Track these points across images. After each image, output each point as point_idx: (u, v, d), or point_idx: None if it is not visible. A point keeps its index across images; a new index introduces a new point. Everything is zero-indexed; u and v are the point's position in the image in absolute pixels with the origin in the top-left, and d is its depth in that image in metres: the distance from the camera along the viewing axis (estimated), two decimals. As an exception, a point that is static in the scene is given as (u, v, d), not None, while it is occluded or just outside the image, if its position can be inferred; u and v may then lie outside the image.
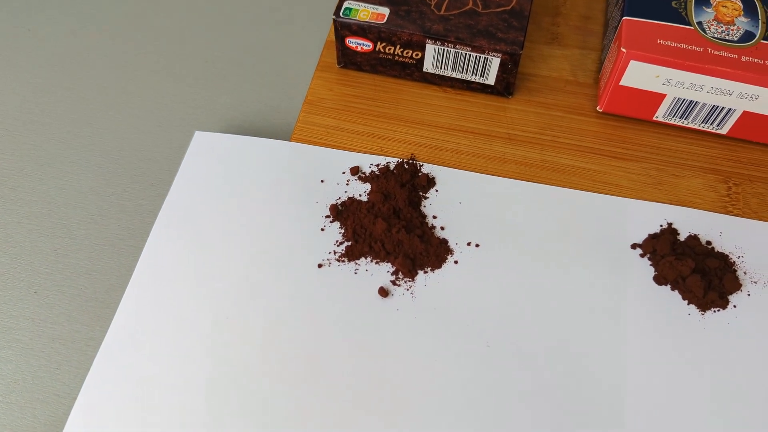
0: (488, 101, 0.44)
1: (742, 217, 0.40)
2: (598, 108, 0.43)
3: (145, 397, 0.33)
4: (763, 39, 0.39)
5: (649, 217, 0.39)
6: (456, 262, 0.38)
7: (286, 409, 0.33)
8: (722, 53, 0.39)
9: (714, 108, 0.40)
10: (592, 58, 0.46)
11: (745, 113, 0.40)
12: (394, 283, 0.37)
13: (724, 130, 0.42)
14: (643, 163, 0.42)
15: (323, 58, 0.46)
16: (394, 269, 0.37)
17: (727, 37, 0.39)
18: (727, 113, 0.40)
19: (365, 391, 0.34)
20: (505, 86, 0.43)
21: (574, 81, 0.45)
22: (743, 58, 0.38)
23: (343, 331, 0.35)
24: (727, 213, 0.40)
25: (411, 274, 0.37)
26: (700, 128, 0.42)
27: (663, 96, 0.41)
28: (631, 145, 0.42)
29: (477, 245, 0.38)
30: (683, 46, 0.39)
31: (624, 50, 0.39)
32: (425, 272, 0.37)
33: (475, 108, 0.44)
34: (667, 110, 0.41)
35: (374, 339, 0.35)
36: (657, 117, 0.42)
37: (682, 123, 0.42)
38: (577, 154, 0.42)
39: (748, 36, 0.39)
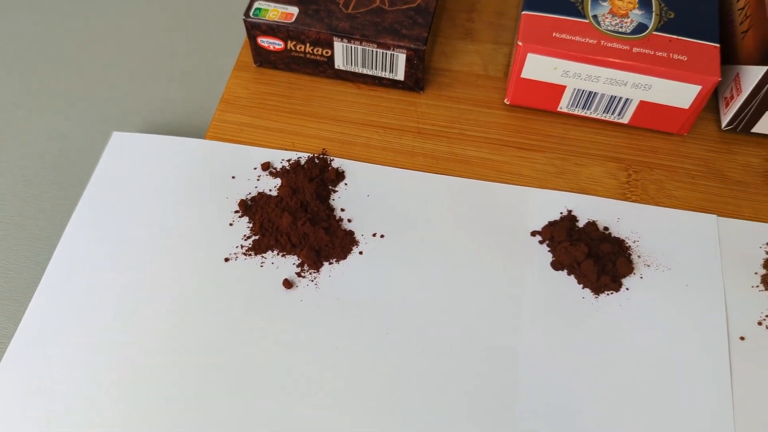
0: (400, 96, 0.45)
1: (640, 203, 0.41)
2: (505, 101, 0.44)
3: (52, 394, 0.34)
4: (655, 31, 0.41)
5: (551, 205, 0.41)
6: (361, 252, 0.39)
7: (192, 400, 0.34)
8: (615, 45, 0.40)
9: (612, 98, 0.42)
10: (503, 52, 0.48)
11: (642, 102, 0.42)
12: (299, 275, 0.38)
13: (625, 120, 0.43)
14: (548, 153, 0.43)
15: (241, 58, 0.47)
16: (300, 261, 0.38)
17: (620, 30, 0.40)
18: (625, 103, 0.42)
19: (268, 380, 0.35)
20: (414, 81, 0.44)
21: (485, 75, 0.46)
22: (635, 50, 0.40)
23: (247, 323, 0.36)
24: (626, 199, 0.41)
25: (316, 266, 0.38)
26: (603, 118, 0.43)
27: (563, 87, 0.42)
28: (537, 136, 0.44)
29: (382, 236, 0.39)
30: (578, 38, 0.40)
31: (521, 44, 0.40)
32: (330, 263, 0.38)
33: (387, 103, 0.45)
34: (570, 101, 0.43)
35: (277, 329, 0.36)
36: (561, 108, 0.43)
37: (586, 113, 0.43)
38: (484, 146, 0.43)
39: (640, 28, 0.41)
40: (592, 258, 0.38)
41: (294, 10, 0.43)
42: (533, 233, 0.40)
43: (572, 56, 0.40)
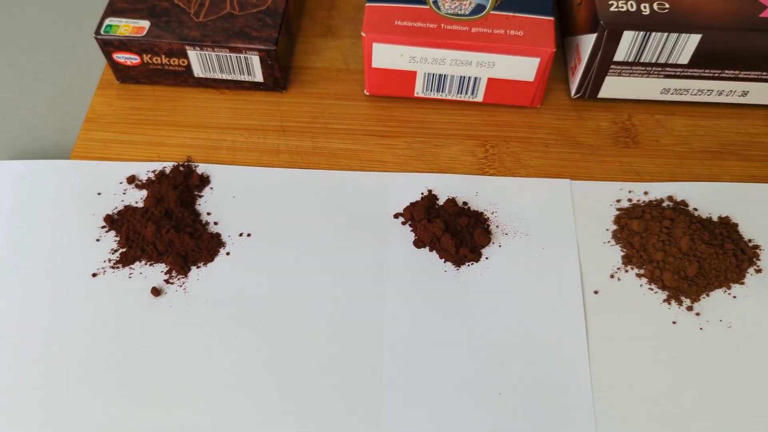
0: (263, 98, 0.46)
1: (498, 176, 0.43)
2: (365, 92, 0.46)
3: None
4: (492, 10, 0.42)
5: (412, 187, 0.42)
6: (228, 253, 0.39)
7: (66, 415, 0.34)
8: (454, 27, 0.41)
9: (462, 78, 0.43)
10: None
11: (490, 80, 0.43)
12: (167, 281, 0.38)
13: (479, 98, 0.45)
14: (408, 138, 0.44)
15: (105, 76, 0.47)
16: (168, 268, 0.39)
17: (459, 12, 0.42)
18: (475, 82, 0.43)
19: (142, 388, 0.35)
20: (274, 81, 0.45)
21: (346, 69, 0.47)
22: (473, 29, 0.41)
23: (117, 334, 0.37)
24: (484, 174, 0.43)
25: (183, 271, 0.39)
26: (458, 99, 0.45)
27: (414, 73, 0.43)
28: (397, 122, 0.45)
29: (249, 235, 0.40)
30: (419, 24, 0.42)
31: (364, 35, 0.41)
32: (198, 267, 0.39)
33: (251, 105, 0.46)
34: (423, 86, 0.44)
35: (146, 337, 0.37)
36: (417, 93, 0.45)
37: (441, 96, 0.45)
38: (347, 138, 0.44)
39: (479, 8, 0.42)
40: (450, 232, 0.39)
41: (145, 24, 0.43)
42: (396, 215, 0.41)
43: (414, 42, 0.41)
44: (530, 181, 0.42)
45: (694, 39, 0.40)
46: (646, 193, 0.42)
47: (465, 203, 0.41)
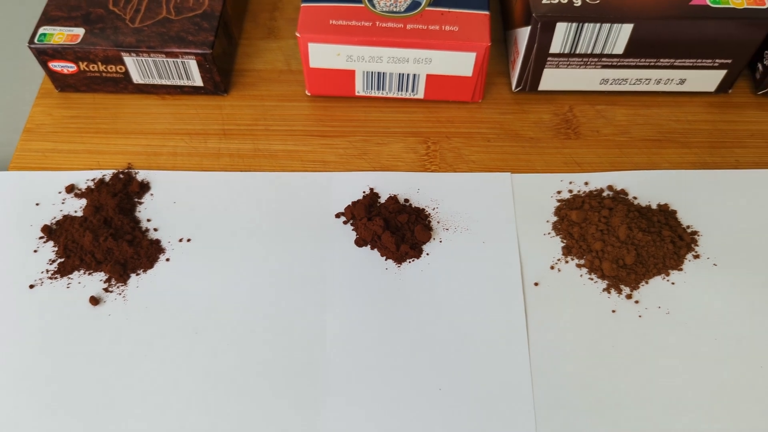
0: (205, 102, 0.46)
1: (439, 172, 0.43)
2: (306, 92, 0.46)
3: None
4: (428, 6, 0.42)
5: (354, 186, 0.42)
6: (168, 259, 0.39)
7: (5, 427, 0.34)
8: (389, 24, 0.41)
9: (401, 76, 0.43)
10: (305, 46, 0.49)
11: (429, 76, 0.43)
12: (107, 290, 0.38)
13: (420, 95, 0.45)
14: (350, 137, 0.44)
15: (44, 85, 0.47)
16: (107, 277, 0.38)
17: (394, 9, 0.42)
18: (414, 79, 0.43)
19: (83, 397, 0.35)
20: (214, 85, 0.45)
21: (288, 70, 0.47)
22: (408, 26, 0.41)
23: (55, 345, 0.36)
24: (426, 170, 0.43)
25: (123, 279, 0.38)
26: (400, 96, 0.45)
27: (353, 72, 0.43)
28: (339, 122, 0.45)
29: (189, 240, 0.40)
30: (354, 23, 0.42)
31: (299, 35, 0.41)
32: (138, 275, 0.39)
33: (192, 110, 0.45)
34: (363, 84, 0.44)
35: (85, 347, 0.36)
36: (359, 92, 0.45)
37: (382, 94, 0.45)
38: (288, 139, 0.44)
39: (414, 5, 0.42)
40: (391, 230, 0.39)
41: (80, 31, 0.43)
42: (337, 215, 0.41)
43: (349, 40, 0.41)
44: (471, 176, 0.42)
45: (627, 29, 0.40)
46: (586, 183, 0.42)
47: (407, 200, 0.41)
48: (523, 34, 0.42)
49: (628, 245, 0.38)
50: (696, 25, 0.40)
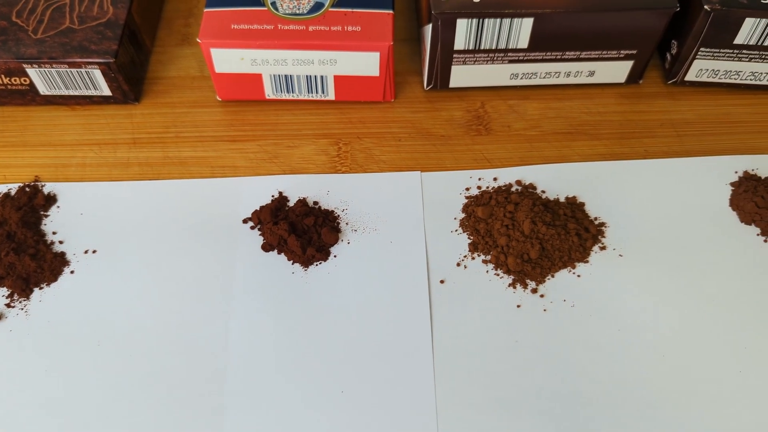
0: (115, 111, 0.45)
1: (350, 173, 0.42)
2: (218, 98, 0.45)
3: None
4: (331, 7, 0.42)
5: (263, 190, 0.42)
6: (72, 272, 0.39)
7: None
8: (291, 27, 0.41)
9: (308, 78, 0.43)
10: (219, 51, 0.48)
11: (337, 77, 0.43)
12: (9, 305, 0.38)
13: (331, 96, 0.45)
14: (261, 141, 0.44)
15: (-47, 100, 0.46)
16: (9, 292, 0.38)
17: (297, 12, 0.42)
18: (322, 80, 0.43)
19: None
20: (122, 94, 0.44)
21: (201, 76, 0.47)
22: (311, 28, 0.41)
23: (-47, 363, 0.36)
24: (336, 172, 0.42)
25: (25, 294, 0.38)
26: (310, 98, 0.45)
27: (259, 76, 0.43)
28: (250, 126, 0.45)
29: (95, 251, 0.39)
30: (255, 26, 0.41)
31: (199, 40, 0.41)
32: (41, 288, 0.38)
33: (103, 120, 0.45)
34: (272, 87, 0.44)
35: (-16, 364, 0.36)
36: (269, 95, 0.45)
37: (292, 96, 0.45)
38: (198, 145, 0.44)
39: (317, 7, 0.42)
40: (297, 233, 0.39)
41: (-19, 44, 0.42)
42: (245, 221, 0.40)
43: (251, 44, 0.41)
44: (381, 176, 0.42)
45: (528, 23, 0.41)
46: (495, 179, 0.42)
47: (316, 203, 0.41)
48: (428, 31, 0.42)
49: (533, 239, 0.38)
50: (597, 17, 0.41)
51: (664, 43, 0.46)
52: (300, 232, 0.39)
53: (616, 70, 0.44)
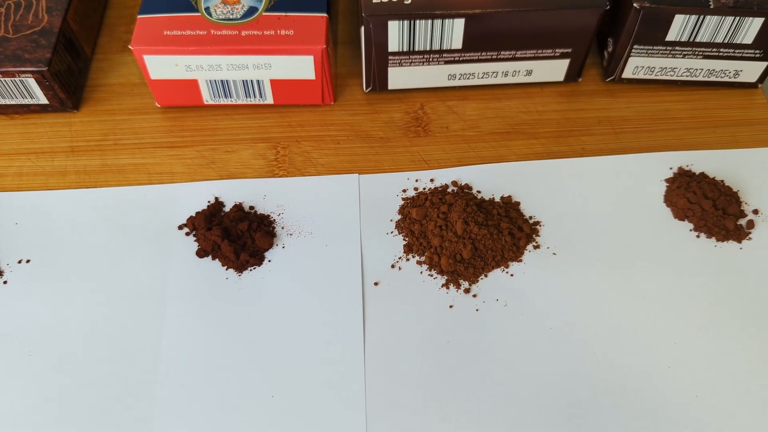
0: (54, 119, 0.45)
1: (287, 177, 0.42)
2: (157, 104, 0.45)
3: None
4: (265, 11, 0.42)
5: (200, 196, 0.42)
6: (5, 282, 0.39)
7: None
8: (224, 32, 0.41)
9: (245, 82, 0.43)
10: (161, 57, 0.48)
11: (273, 81, 0.43)
12: (-60, 317, 0.37)
13: (269, 100, 0.45)
14: (199, 146, 0.44)
15: None
16: (-59, 304, 0.38)
17: (231, 17, 0.42)
18: (258, 85, 0.43)
19: None
20: (60, 102, 0.44)
21: (141, 83, 0.47)
22: (243, 33, 0.41)
23: None
24: (274, 176, 0.42)
25: (-43, 305, 0.38)
26: (249, 103, 0.45)
27: (195, 81, 0.43)
28: (188, 132, 0.44)
29: (28, 261, 0.39)
30: (188, 32, 0.41)
31: (131, 47, 0.41)
32: (-27, 299, 0.38)
33: (41, 128, 0.45)
34: (209, 93, 0.44)
35: None
36: (207, 101, 0.45)
37: (230, 101, 0.45)
38: (137, 152, 0.44)
39: (251, 11, 0.42)
40: (230, 238, 0.39)
41: None
42: (180, 227, 0.40)
43: (183, 50, 0.41)
44: (319, 180, 0.42)
45: (459, 23, 0.41)
46: (432, 180, 0.42)
47: (252, 207, 0.41)
48: (362, 34, 0.42)
49: (465, 240, 0.38)
50: (528, 16, 0.41)
51: (601, 41, 0.46)
52: (234, 238, 0.39)
53: (554, 69, 0.45)
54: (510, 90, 0.46)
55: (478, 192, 0.41)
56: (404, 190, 0.42)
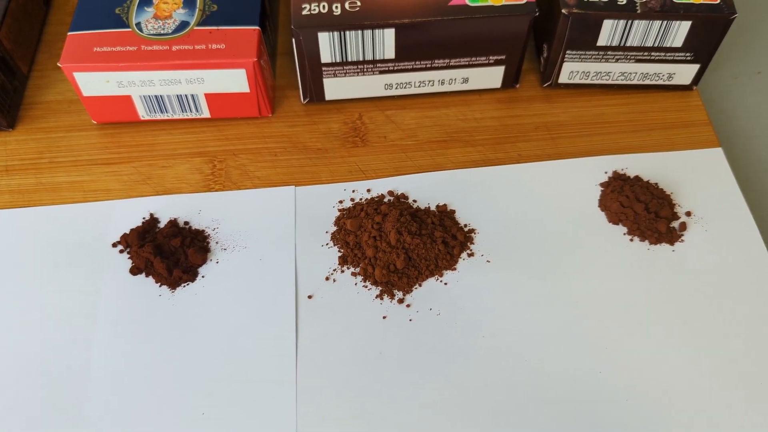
0: (-11, 138, 0.45)
1: (223, 191, 0.42)
2: (93, 121, 0.45)
3: None
4: (197, 26, 0.42)
5: (135, 213, 0.41)
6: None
7: None
8: (155, 47, 0.41)
9: (179, 97, 0.43)
10: (99, 73, 0.48)
11: (207, 95, 0.43)
12: None
13: (206, 114, 0.44)
14: (135, 162, 0.43)
15: None
16: None
17: (162, 32, 0.42)
18: (193, 99, 0.43)
19: None
20: (-7, 121, 0.44)
21: (78, 100, 0.46)
22: (174, 48, 0.41)
23: None
24: (210, 190, 0.42)
25: None
26: (186, 117, 0.45)
27: (129, 97, 0.43)
28: (125, 148, 0.44)
29: (-42, 283, 0.39)
30: (119, 48, 0.41)
31: (60, 65, 0.40)
32: None
33: (-25, 148, 0.44)
34: (144, 108, 0.44)
35: None
36: (143, 116, 0.44)
37: (167, 116, 0.44)
38: (72, 170, 0.43)
39: (183, 26, 0.42)
40: (164, 255, 0.39)
41: None
42: (114, 244, 0.40)
43: (113, 67, 0.41)
44: (254, 193, 0.42)
45: (390, 33, 0.41)
46: (368, 190, 0.42)
47: (186, 223, 0.41)
48: (294, 46, 0.42)
49: (398, 249, 0.38)
50: (458, 24, 0.41)
51: (539, 47, 0.46)
52: (167, 254, 0.39)
53: (490, 76, 0.45)
54: (448, 98, 0.46)
55: (414, 201, 0.41)
56: (341, 201, 0.41)
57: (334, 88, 0.44)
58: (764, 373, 0.35)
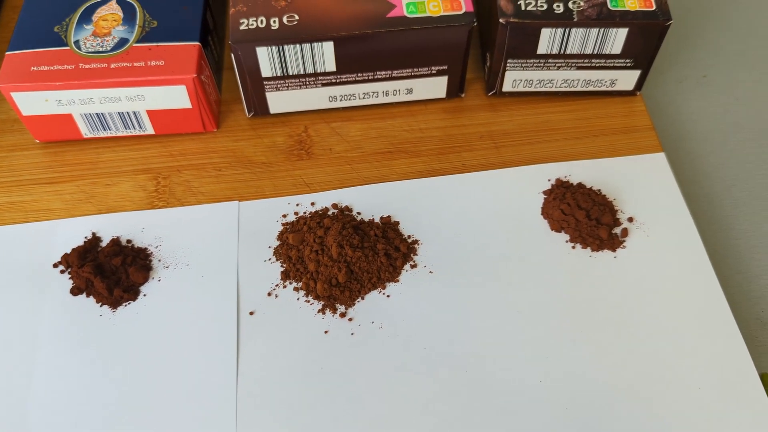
0: (-69, 160, 0.44)
1: (167, 207, 0.42)
2: (36, 140, 0.44)
3: None
4: (136, 42, 0.42)
5: (77, 232, 0.41)
6: None
7: None
8: (92, 65, 0.41)
9: (121, 114, 0.43)
10: (43, 91, 0.47)
11: (150, 112, 0.43)
12: None
13: (150, 131, 0.44)
14: (78, 181, 0.43)
15: None
16: None
17: (101, 49, 0.41)
18: (135, 116, 0.43)
19: None
20: (-66, 143, 0.43)
21: (16, 119, 0.46)
22: (112, 65, 0.41)
23: None
24: (153, 208, 0.42)
25: None
26: (130, 134, 0.44)
27: (70, 116, 0.42)
28: (69, 166, 0.44)
29: None
30: (56, 67, 0.41)
31: (-3, 85, 0.40)
32: None
33: None
34: (87, 127, 0.43)
35: None
36: (86, 135, 0.44)
37: (110, 134, 0.44)
38: (14, 190, 0.43)
39: (122, 43, 0.42)
40: (104, 274, 0.38)
41: None
42: (55, 265, 0.40)
43: (51, 86, 0.40)
44: (198, 209, 0.42)
45: (329, 46, 0.41)
46: (313, 204, 0.42)
47: (129, 241, 0.41)
48: (233, 60, 0.42)
49: (340, 263, 0.38)
50: (396, 36, 0.41)
51: (483, 56, 0.46)
52: (108, 273, 0.39)
53: (434, 86, 0.45)
54: (394, 108, 0.46)
55: (359, 213, 0.41)
56: (284, 215, 0.41)
57: (278, 101, 0.44)
58: (705, 378, 0.35)
